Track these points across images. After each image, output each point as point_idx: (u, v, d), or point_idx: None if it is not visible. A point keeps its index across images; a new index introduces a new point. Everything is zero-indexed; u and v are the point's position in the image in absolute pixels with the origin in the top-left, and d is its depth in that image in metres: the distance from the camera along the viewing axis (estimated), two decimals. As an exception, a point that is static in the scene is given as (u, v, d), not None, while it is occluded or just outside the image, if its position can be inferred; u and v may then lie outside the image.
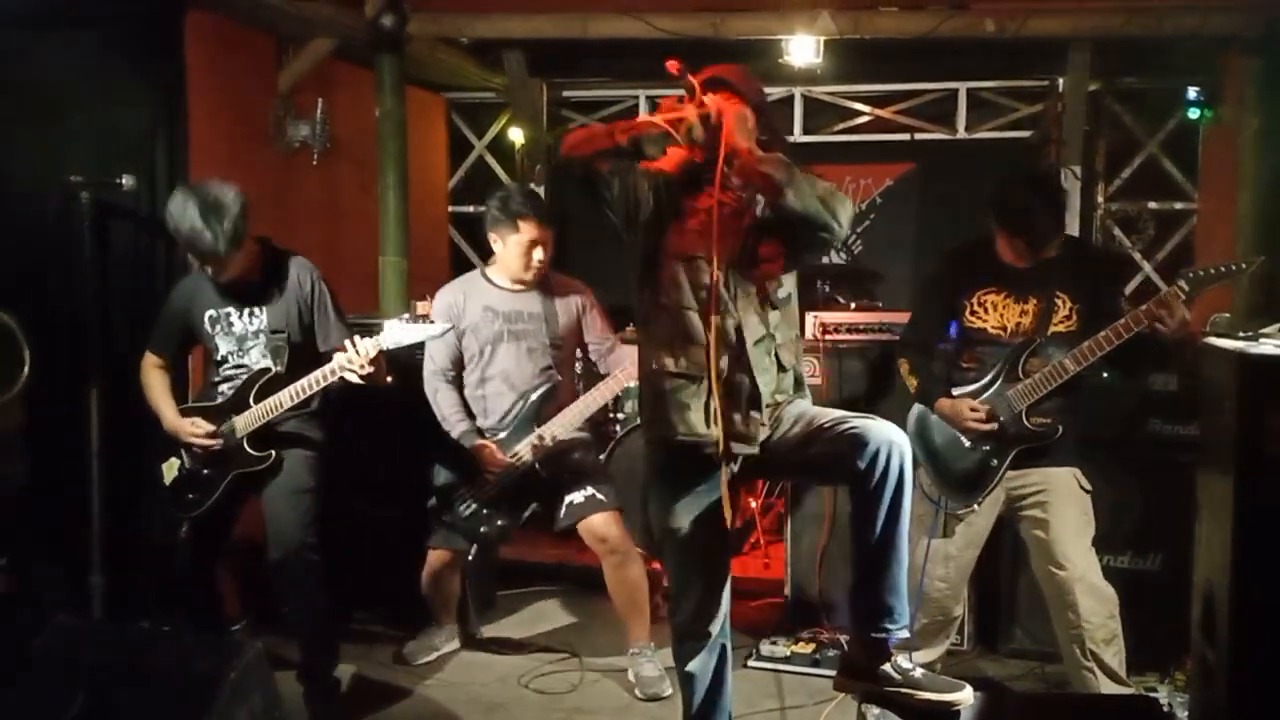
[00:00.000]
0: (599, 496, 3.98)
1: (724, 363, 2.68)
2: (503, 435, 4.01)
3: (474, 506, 4.04)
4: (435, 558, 4.23)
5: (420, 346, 4.00)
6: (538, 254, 3.97)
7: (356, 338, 3.45)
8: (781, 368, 2.78)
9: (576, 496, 3.98)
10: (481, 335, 4.04)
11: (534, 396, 4.00)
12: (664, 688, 3.90)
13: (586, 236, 6.27)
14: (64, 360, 3.75)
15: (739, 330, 2.70)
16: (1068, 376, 3.32)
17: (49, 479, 3.76)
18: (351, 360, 3.41)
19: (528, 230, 3.94)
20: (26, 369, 3.50)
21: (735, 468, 2.80)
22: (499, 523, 4.03)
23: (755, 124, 2.76)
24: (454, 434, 4.03)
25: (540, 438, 3.95)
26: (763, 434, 2.76)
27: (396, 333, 3.45)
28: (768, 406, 2.76)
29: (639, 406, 2.98)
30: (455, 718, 3.86)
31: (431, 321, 3.72)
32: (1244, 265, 3.23)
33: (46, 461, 3.75)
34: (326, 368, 3.47)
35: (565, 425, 3.97)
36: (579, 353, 4.24)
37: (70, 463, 3.79)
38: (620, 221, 2.75)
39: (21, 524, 3.65)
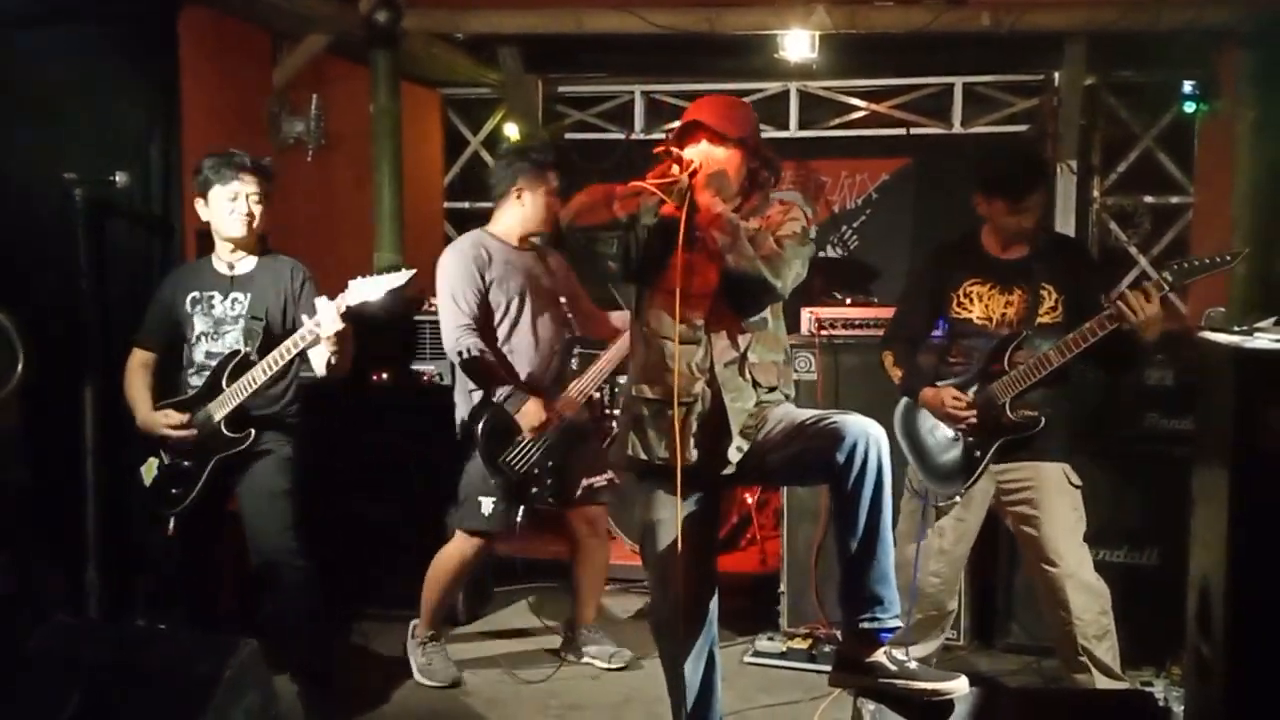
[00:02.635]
0: (606, 485, 4.10)
1: (697, 388, 2.82)
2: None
3: (525, 467, 3.87)
4: (471, 546, 4.00)
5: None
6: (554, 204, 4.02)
7: (321, 300, 3.42)
8: (756, 384, 2.85)
9: (599, 480, 4.07)
10: (509, 288, 3.94)
11: (560, 353, 4.03)
12: (626, 653, 4.17)
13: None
14: (59, 358, 3.74)
15: (709, 355, 2.83)
16: (1051, 369, 3.33)
17: (46, 477, 3.74)
18: (315, 328, 3.38)
19: (554, 179, 4.01)
20: (21, 367, 3.49)
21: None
22: (548, 481, 3.93)
23: (741, 160, 2.91)
24: (498, 397, 3.83)
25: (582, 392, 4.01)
26: (737, 453, 2.82)
27: (361, 289, 3.39)
28: (746, 428, 2.82)
29: (617, 429, 3.05)
30: (451, 714, 3.87)
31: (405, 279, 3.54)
32: (1229, 257, 3.21)
33: (43, 460, 3.74)
34: (294, 336, 3.44)
35: (594, 380, 4.04)
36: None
37: (67, 461, 3.78)
38: (620, 269, 2.90)
39: (20, 523, 3.65)
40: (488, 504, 3.91)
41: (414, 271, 3.54)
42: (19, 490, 3.65)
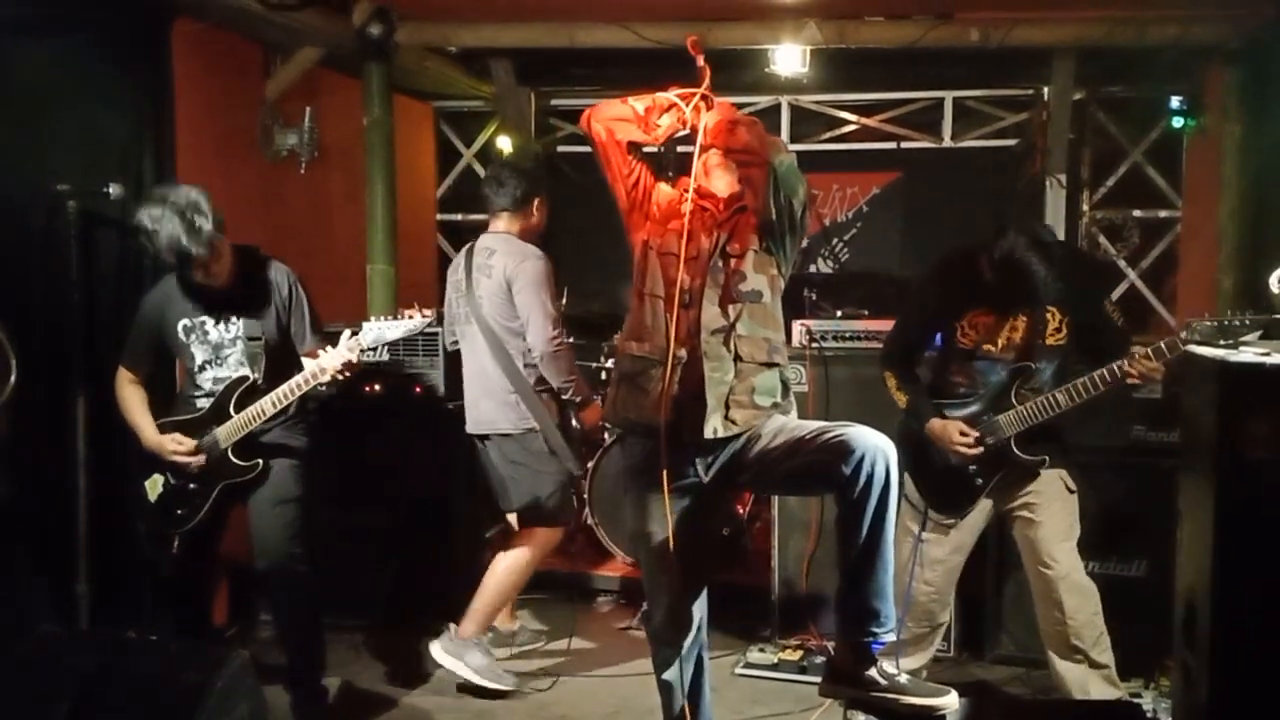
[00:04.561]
0: None
1: (682, 352, 2.82)
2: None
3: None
4: (558, 537, 4.25)
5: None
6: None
7: (329, 347, 3.47)
8: (739, 357, 2.83)
9: None
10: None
11: None
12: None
13: (576, 243, 6.32)
14: (49, 370, 3.74)
15: (698, 321, 2.83)
16: (1058, 412, 3.34)
17: (34, 488, 3.73)
18: (326, 367, 3.41)
19: None
20: (13, 378, 3.48)
21: (706, 476, 2.88)
22: None
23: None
24: (571, 397, 4.11)
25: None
26: (714, 425, 2.80)
27: (376, 331, 3.44)
28: (730, 409, 2.81)
29: (607, 388, 3.10)
30: (442, 726, 3.87)
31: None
32: (1249, 321, 3.15)
33: (31, 471, 3.73)
34: (303, 374, 3.46)
35: None
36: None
37: (55, 472, 3.77)
38: (625, 190, 3.02)
39: (5, 533, 3.63)
40: (572, 497, 4.23)
41: (429, 318, 3.59)
42: (4, 500, 3.63)
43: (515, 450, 4.05)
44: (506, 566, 4.12)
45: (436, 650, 4.07)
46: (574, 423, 4.21)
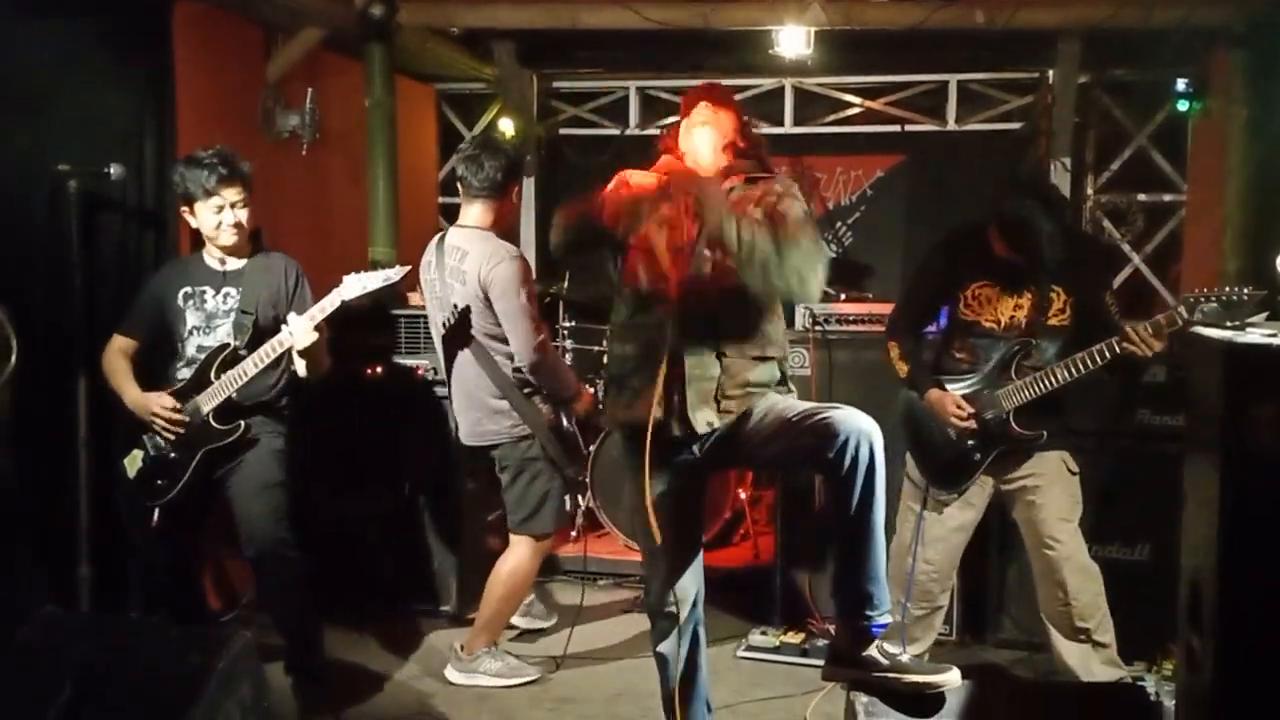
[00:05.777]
0: None
1: (668, 349, 2.78)
2: None
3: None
4: (550, 544, 4.12)
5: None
6: None
7: (292, 315, 3.48)
8: (724, 354, 2.81)
9: None
10: None
11: None
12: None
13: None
14: (50, 350, 3.73)
15: (684, 316, 2.79)
16: (1056, 385, 3.34)
17: (34, 470, 3.73)
18: (291, 335, 3.42)
19: None
20: (13, 359, 3.47)
21: (701, 452, 2.89)
22: None
23: (735, 126, 2.98)
24: (572, 393, 3.99)
25: None
26: (707, 426, 2.79)
27: (356, 283, 3.44)
28: (722, 401, 2.80)
29: (602, 387, 3.09)
30: (443, 708, 3.86)
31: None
32: (1246, 295, 3.12)
33: (32, 453, 3.72)
34: (274, 339, 3.47)
35: None
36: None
37: (56, 454, 3.77)
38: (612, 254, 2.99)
39: (6, 515, 3.63)
40: (568, 501, 4.13)
41: (409, 268, 3.60)
42: (6, 482, 3.62)
43: (510, 459, 3.92)
44: (506, 580, 3.98)
45: (451, 674, 4.03)
46: (565, 424, 3.99)
